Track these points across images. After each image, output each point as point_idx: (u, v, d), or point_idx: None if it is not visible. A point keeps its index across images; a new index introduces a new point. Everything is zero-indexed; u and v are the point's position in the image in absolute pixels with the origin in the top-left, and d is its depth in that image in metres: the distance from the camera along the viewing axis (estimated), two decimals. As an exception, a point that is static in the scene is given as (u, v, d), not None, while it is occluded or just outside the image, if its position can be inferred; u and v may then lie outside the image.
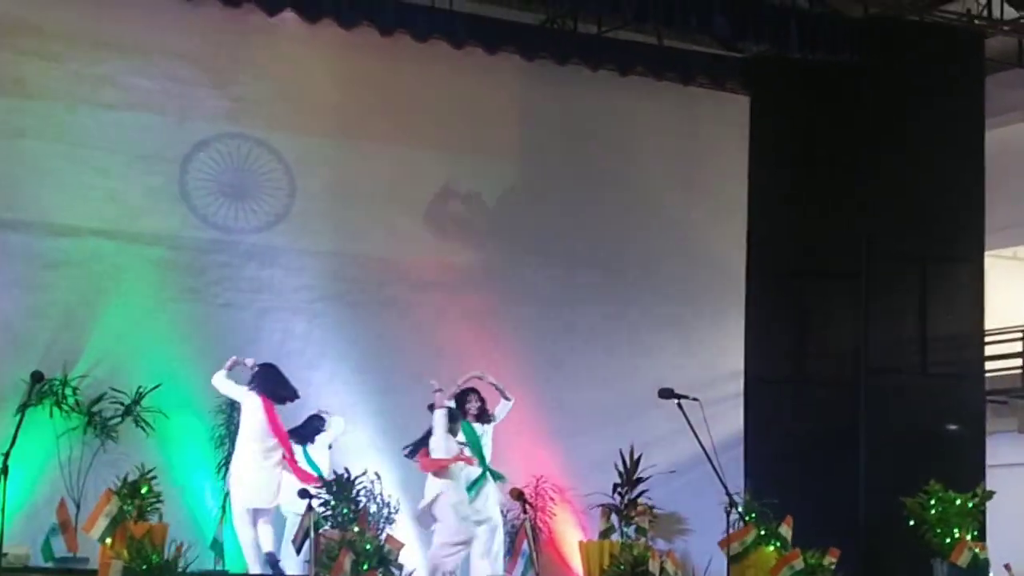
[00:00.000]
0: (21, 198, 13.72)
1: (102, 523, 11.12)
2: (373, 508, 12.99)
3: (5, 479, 9.35)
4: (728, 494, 10.59)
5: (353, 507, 12.56)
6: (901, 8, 16.00)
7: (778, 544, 13.14)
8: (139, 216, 14.14)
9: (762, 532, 13.20)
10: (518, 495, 11.24)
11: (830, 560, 12.88)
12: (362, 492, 12.76)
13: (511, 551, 13.54)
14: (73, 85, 14.02)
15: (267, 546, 12.66)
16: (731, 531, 11.21)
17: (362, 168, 15.11)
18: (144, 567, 10.06)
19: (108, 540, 11.14)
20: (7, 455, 9.35)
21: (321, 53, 15.00)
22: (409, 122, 15.29)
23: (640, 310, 15.74)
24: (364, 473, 13.12)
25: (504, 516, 13.53)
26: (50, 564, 11.89)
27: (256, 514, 12.70)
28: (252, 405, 12.71)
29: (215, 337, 14.10)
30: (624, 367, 15.32)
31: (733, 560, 12.90)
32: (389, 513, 13.22)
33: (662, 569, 12.19)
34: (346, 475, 12.77)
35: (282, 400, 12.80)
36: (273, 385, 12.78)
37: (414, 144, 15.30)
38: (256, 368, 12.87)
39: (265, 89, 14.77)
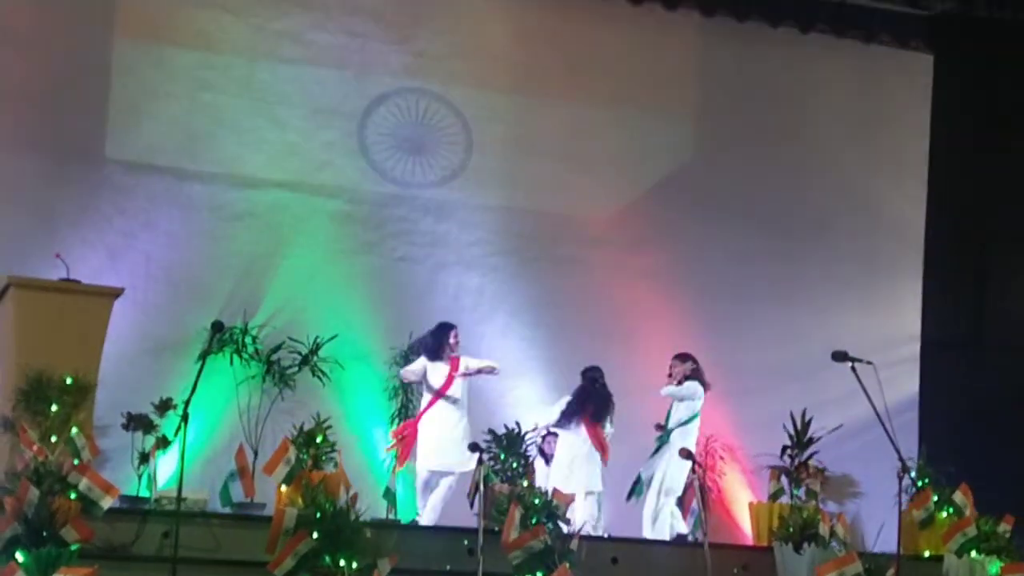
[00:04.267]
0: (204, 150, 14.01)
1: (282, 470, 11.33)
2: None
3: (185, 425, 9.55)
4: (901, 459, 10.45)
5: (522, 461, 12.66)
6: (1092, -36, 15.58)
7: (951, 511, 12.92)
8: (319, 169, 14.37)
9: (935, 499, 13.00)
10: (687, 454, 11.19)
11: (1005, 527, 12.60)
12: (531, 447, 12.86)
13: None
14: (255, 39, 14.29)
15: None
16: (903, 496, 11.05)
17: (538, 124, 15.14)
18: (318, 514, 10.21)
19: (285, 487, 11.35)
20: (188, 402, 9.53)
21: (499, 9, 15.07)
22: (586, 79, 15.26)
23: (815, 270, 15.54)
24: (534, 428, 13.23)
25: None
26: (228, 508, 12.15)
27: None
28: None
29: (391, 290, 14.30)
30: (797, 327, 15.15)
31: (921, 527, 12.74)
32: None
33: (832, 532, 12.05)
34: (516, 429, 12.87)
35: None
36: None
37: (590, 101, 15.28)
38: None
39: (444, 44, 14.87)
